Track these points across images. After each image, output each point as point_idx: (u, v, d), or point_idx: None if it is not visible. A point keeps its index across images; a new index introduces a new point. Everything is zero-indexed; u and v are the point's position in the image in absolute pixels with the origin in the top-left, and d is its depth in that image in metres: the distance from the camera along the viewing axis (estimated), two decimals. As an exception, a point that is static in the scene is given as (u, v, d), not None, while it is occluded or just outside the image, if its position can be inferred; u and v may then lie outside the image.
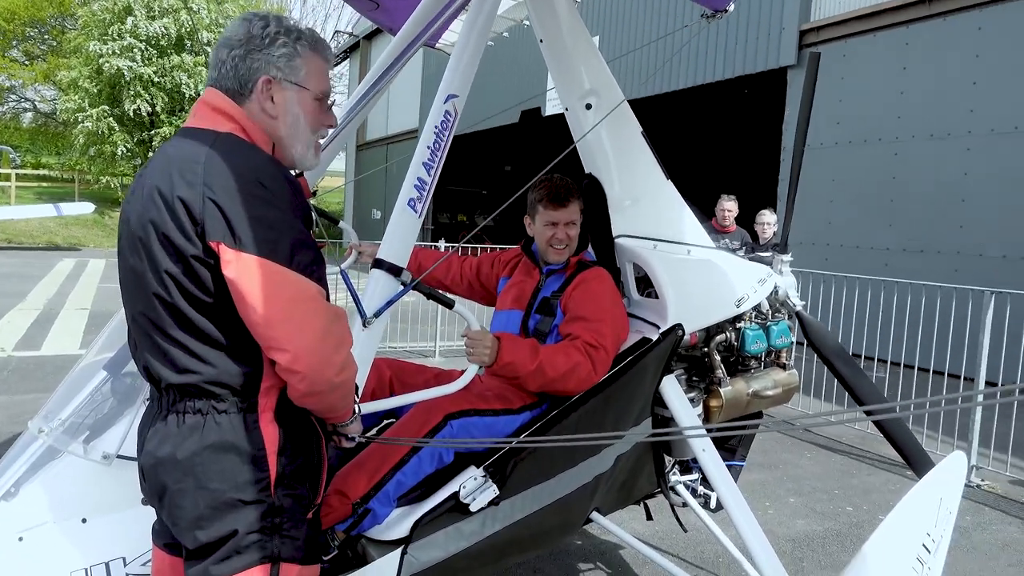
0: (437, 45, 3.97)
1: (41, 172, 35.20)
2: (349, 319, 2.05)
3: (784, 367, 3.29)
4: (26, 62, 41.47)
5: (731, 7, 3.22)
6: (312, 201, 2.52)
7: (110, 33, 25.93)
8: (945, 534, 2.50)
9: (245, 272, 1.50)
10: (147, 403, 1.78)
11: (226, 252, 1.51)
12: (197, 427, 1.60)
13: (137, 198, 1.64)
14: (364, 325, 2.03)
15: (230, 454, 1.59)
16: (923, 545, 2.33)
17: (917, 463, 3.16)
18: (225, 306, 1.56)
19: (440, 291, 2.33)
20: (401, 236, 2.20)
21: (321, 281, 1.62)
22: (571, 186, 2.83)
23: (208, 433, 1.60)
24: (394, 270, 2.13)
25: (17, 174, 29.85)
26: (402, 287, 2.14)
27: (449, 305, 2.28)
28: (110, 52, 25.58)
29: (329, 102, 1.84)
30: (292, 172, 1.75)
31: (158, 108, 26.62)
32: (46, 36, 41.33)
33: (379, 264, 2.14)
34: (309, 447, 1.75)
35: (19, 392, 6.67)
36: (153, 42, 26.29)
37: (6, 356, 8.21)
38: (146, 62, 26.17)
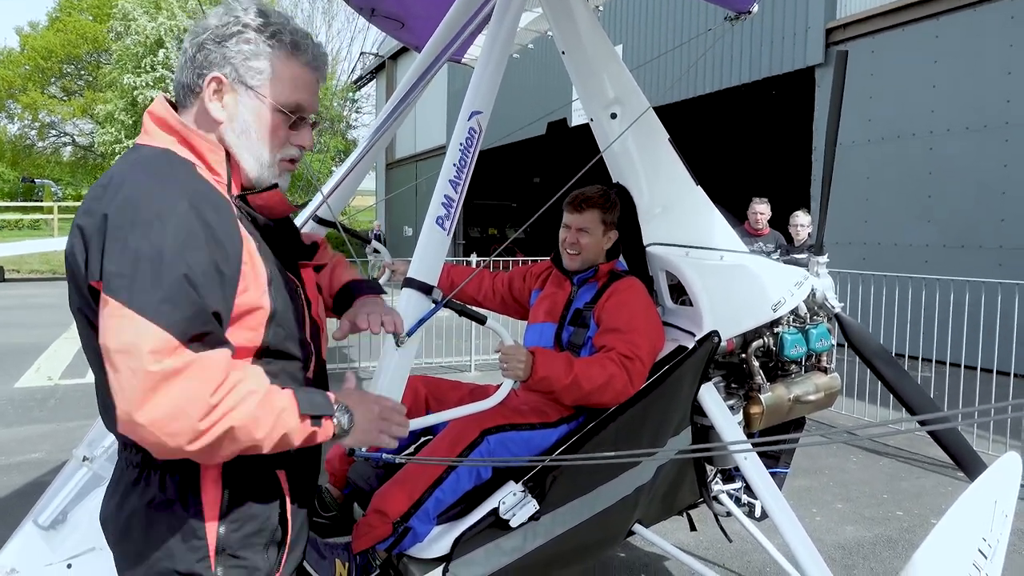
0: (463, 60, 4.00)
1: (81, 204, 36.12)
2: (383, 337, 2.05)
3: (825, 371, 3.23)
4: (64, 98, 42.81)
5: (755, 8, 3.19)
6: (343, 220, 2.54)
7: (143, 66, 26.65)
8: (1002, 538, 2.42)
9: (103, 315, 1.25)
10: None
11: (103, 293, 1.26)
12: (138, 482, 1.40)
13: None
14: (397, 344, 2.04)
15: (164, 515, 1.38)
16: (979, 550, 2.25)
17: (968, 465, 3.07)
18: None
19: (472, 307, 2.33)
20: (431, 254, 2.20)
21: (178, 328, 1.24)
22: (596, 196, 2.81)
23: (147, 490, 1.39)
24: (425, 288, 2.13)
25: (59, 207, 30.71)
26: (433, 305, 2.14)
27: (481, 321, 2.27)
28: (144, 84, 26.28)
29: (308, 119, 1.55)
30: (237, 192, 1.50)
31: (191, 136, 27.19)
32: (82, 72, 42.65)
33: (410, 283, 2.14)
34: (266, 511, 1.48)
35: (66, 420, 6.81)
36: (184, 72, 26.89)
37: (53, 384, 8.40)
38: (178, 92, 26.77)
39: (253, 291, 1.39)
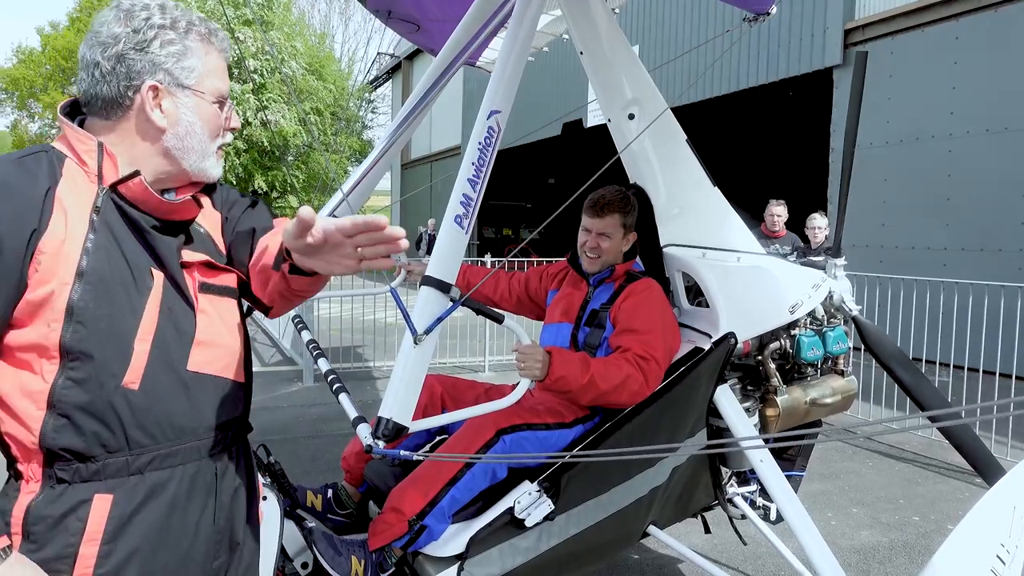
0: (478, 63, 4.01)
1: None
2: (399, 336, 2.06)
3: (842, 374, 3.21)
4: (84, 98, 43.20)
5: (773, 9, 3.18)
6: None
7: (162, 65, 26.83)
8: (1021, 544, 2.39)
9: None
10: None
11: None
12: None
13: None
14: (415, 342, 2.04)
15: None
16: (997, 556, 2.23)
17: (986, 470, 3.04)
18: None
19: (489, 307, 2.34)
20: (449, 253, 2.20)
21: None
22: (617, 200, 2.80)
23: None
24: (443, 287, 2.13)
25: (78, 205, 31.00)
26: (451, 303, 2.14)
27: (499, 320, 2.28)
28: (162, 84, 26.45)
29: (228, 103, 1.53)
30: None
31: (209, 135, 27.38)
32: (102, 71, 42.97)
33: (428, 281, 2.14)
34: None
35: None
36: (203, 72, 27.05)
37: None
38: (196, 92, 26.95)
39: (52, 284, 1.29)
